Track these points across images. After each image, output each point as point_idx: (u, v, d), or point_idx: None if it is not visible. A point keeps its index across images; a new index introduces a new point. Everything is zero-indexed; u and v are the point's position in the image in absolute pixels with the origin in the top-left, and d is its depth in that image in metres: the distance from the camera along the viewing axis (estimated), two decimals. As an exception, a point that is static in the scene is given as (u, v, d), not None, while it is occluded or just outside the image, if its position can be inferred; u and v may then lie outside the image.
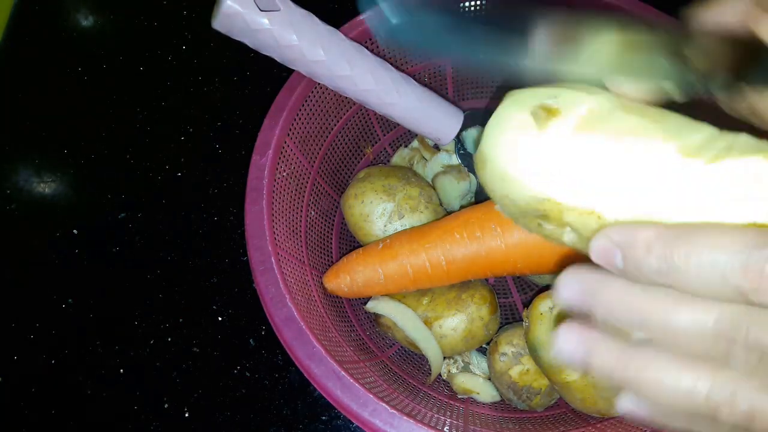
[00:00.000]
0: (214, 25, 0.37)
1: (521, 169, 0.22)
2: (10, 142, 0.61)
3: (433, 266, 0.41)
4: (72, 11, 0.69)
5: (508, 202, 0.23)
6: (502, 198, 0.23)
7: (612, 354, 0.19)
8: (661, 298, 0.18)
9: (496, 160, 0.23)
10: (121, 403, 0.48)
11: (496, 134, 0.23)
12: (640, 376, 0.19)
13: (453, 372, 0.45)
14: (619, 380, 0.19)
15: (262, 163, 0.40)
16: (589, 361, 0.20)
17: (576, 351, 0.20)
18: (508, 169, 0.22)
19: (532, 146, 0.21)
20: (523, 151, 0.22)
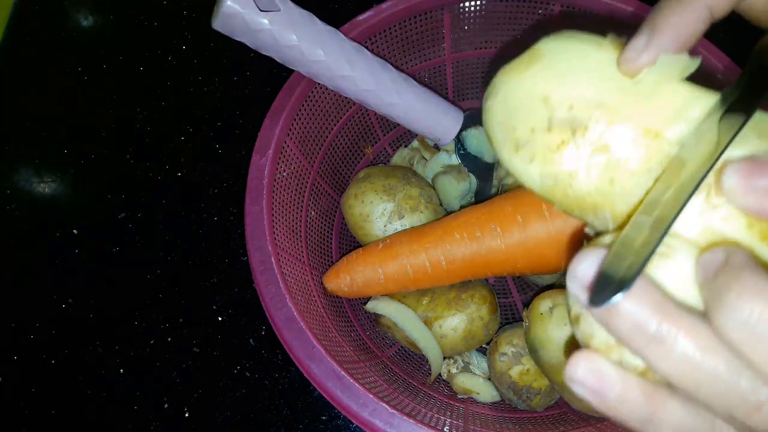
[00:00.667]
0: (214, 25, 0.37)
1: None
2: (10, 142, 0.61)
3: (433, 266, 0.41)
4: (72, 11, 0.69)
5: (539, 112, 0.21)
6: (533, 107, 0.21)
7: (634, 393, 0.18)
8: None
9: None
10: (121, 403, 0.48)
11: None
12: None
13: (453, 372, 0.45)
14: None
15: (262, 163, 0.40)
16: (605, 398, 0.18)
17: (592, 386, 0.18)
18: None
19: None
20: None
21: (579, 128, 0.21)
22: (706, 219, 0.19)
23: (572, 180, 0.21)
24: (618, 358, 0.18)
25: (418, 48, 0.49)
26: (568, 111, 0.21)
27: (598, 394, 0.18)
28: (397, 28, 0.46)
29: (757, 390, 0.16)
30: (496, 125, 0.23)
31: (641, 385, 0.18)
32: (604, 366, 0.18)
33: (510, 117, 0.22)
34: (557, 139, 0.21)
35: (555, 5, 0.47)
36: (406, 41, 0.48)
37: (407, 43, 0.48)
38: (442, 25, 0.48)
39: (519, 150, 0.22)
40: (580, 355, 0.18)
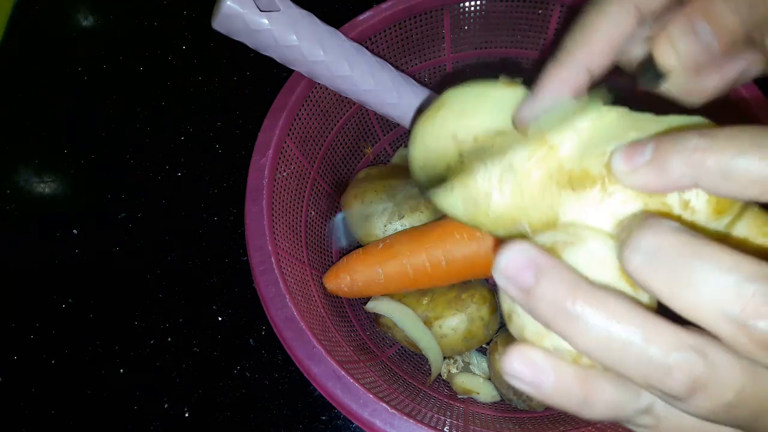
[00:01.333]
0: (214, 26, 0.37)
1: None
2: (10, 142, 0.61)
3: (433, 266, 0.41)
4: (72, 11, 0.69)
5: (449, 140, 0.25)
6: (441, 136, 0.25)
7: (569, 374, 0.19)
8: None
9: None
10: (121, 403, 0.48)
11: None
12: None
13: (453, 372, 0.45)
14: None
15: (262, 163, 0.40)
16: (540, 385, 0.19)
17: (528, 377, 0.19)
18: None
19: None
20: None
21: (486, 155, 0.24)
22: (605, 206, 0.21)
23: (489, 200, 0.24)
24: (551, 344, 0.20)
25: (418, 48, 0.49)
26: (474, 142, 0.24)
27: (535, 386, 0.19)
28: (397, 28, 0.46)
29: (667, 354, 0.17)
30: (420, 170, 0.26)
31: (573, 371, 0.19)
32: (537, 356, 0.19)
33: (429, 158, 0.26)
34: (469, 168, 0.24)
35: (555, 5, 0.47)
36: (406, 41, 0.48)
37: (407, 43, 0.48)
38: (442, 25, 0.48)
39: (441, 185, 0.25)
40: (514, 348, 0.19)
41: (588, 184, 0.21)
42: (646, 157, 0.19)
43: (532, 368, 0.19)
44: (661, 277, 0.17)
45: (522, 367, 0.19)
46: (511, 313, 0.21)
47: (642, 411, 0.19)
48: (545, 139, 0.23)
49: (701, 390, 0.16)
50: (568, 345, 0.19)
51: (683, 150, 0.18)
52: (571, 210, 0.22)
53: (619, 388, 0.19)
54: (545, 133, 0.23)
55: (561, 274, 0.18)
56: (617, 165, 0.20)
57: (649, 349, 0.17)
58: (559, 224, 0.22)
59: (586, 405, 0.19)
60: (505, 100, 0.24)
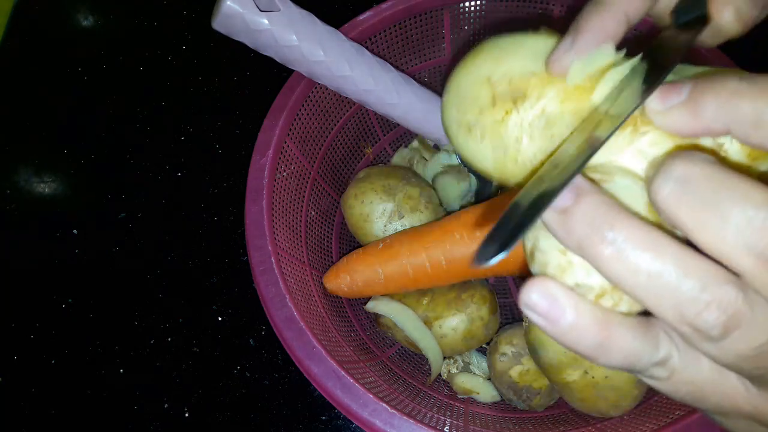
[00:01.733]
0: (214, 26, 0.37)
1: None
2: (10, 142, 0.61)
3: (433, 266, 0.41)
4: (72, 11, 0.69)
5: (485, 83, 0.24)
6: (478, 79, 0.24)
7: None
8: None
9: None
10: (121, 403, 0.48)
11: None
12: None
13: (453, 372, 0.45)
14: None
15: (262, 163, 0.40)
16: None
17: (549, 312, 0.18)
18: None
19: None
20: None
21: (519, 97, 0.23)
22: (636, 147, 0.21)
23: (519, 145, 0.23)
24: (573, 281, 0.19)
25: (418, 48, 0.49)
26: (508, 84, 0.23)
27: (551, 320, 0.18)
28: (397, 28, 0.46)
29: (705, 287, 0.16)
30: (451, 117, 0.26)
31: (593, 312, 0.18)
32: (558, 291, 0.18)
33: (461, 105, 0.25)
34: (501, 111, 0.23)
35: (554, 5, 0.47)
36: (406, 41, 0.48)
37: (407, 43, 0.48)
38: (442, 25, 0.48)
39: (471, 131, 0.24)
40: (535, 280, 0.19)
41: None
42: (682, 97, 0.19)
43: (551, 302, 0.18)
44: (689, 207, 0.16)
45: (540, 299, 0.18)
46: (533, 250, 0.20)
47: (657, 363, 0.19)
48: (578, 82, 0.23)
49: (736, 328, 0.16)
50: (591, 282, 0.19)
51: (721, 91, 0.18)
52: (602, 152, 0.21)
53: (639, 337, 0.18)
54: (578, 79, 0.23)
55: (601, 198, 0.18)
56: (652, 104, 0.20)
57: (687, 282, 0.16)
58: (588, 167, 0.22)
59: (602, 350, 0.18)
60: (542, 47, 0.24)
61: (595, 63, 0.23)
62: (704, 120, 0.18)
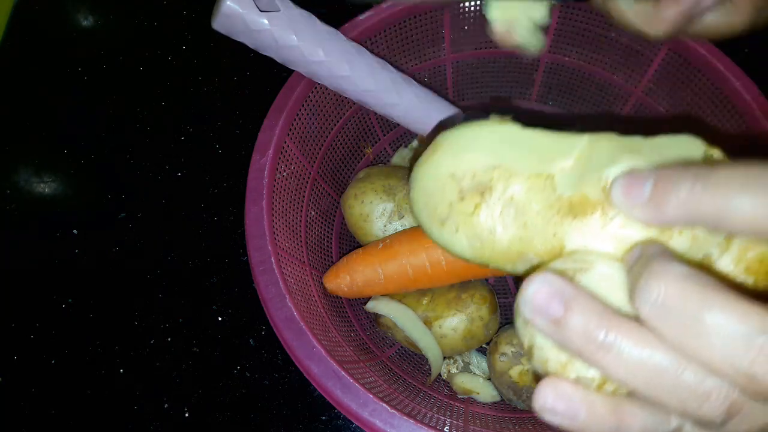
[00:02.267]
0: (213, 26, 0.37)
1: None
2: (10, 142, 0.61)
3: (433, 266, 0.41)
4: (72, 11, 0.69)
5: (449, 178, 0.25)
6: (440, 175, 0.26)
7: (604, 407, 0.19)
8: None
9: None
10: (121, 403, 0.48)
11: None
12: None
13: (453, 372, 0.45)
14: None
15: (262, 163, 0.40)
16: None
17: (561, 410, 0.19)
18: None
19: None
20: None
21: (485, 190, 0.24)
22: (608, 230, 0.22)
23: (493, 235, 0.25)
24: (575, 375, 0.20)
25: (418, 48, 0.49)
26: (473, 179, 0.25)
27: (570, 418, 0.19)
28: (397, 28, 0.46)
29: (702, 380, 0.17)
30: (421, 212, 0.27)
31: (604, 400, 0.19)
32: (569, 389, 0.19)
33: (430, 200, 0.26)
34: (471, 204, 0.25)
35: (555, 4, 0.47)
36: (406, 41, 0.48)
37: (407, 43, 0.48)
38: (442, 25, 0.48)
39: (444, 225, 0.26)
40: (546, 384, 0.20)
41: (588, 210, 0.22)
42: (645, 195, 0.20)
43: (566, 401, 0.19)
44: (671, 329, 0.17)
45: (556, 401, 0.19)
46: (531, 347, 0.21)
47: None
48: (542, 169, 0.24)
49: (737, 413, 0.17)
50: (591, 374, 0.19)
51: (678, 193, 0.19)
52: (575, 237, 0.22)
53: (650, 413, 0.19)
54: (545, 163, 0.24)
55: (589, 303, 0.19)
56: (617, 197, 0.21)
57: (684, 376, 0.17)
58: (565, 252, 0.23)
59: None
60: (498, 136, 0.25)
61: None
62: (668, 216, 0.19)
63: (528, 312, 0.19)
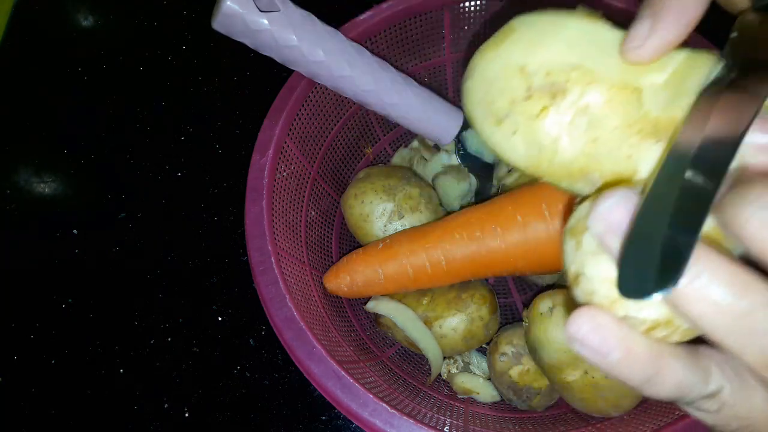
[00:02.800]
0: (213, 26, 0.37)
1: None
2: (10, 142, 0.61)
3: (433, 266, 0.41)
4: (72, 11, 0.69)
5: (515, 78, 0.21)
6: (505, 74, 0.22)
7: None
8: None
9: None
10: (121, 403, 0.48)
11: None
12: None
13: (453, 372, 0.45)
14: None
15: (262, 163, 0.40)
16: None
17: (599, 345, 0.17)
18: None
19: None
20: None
21: (558, 92, 0.21)
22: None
23: (557, 146, 0.21)
24: (623, 313, 0.18)
25: (418, 48, 0.49)
26: (546, 77, 0.21)
27: (601, 354, 0.17)
28: (397, 28, 0.46)
29: None
30: (476, 104, 0.23)
31: (646, 345, 0.17)
32: (609, 324, 0.17)
33: (488, 92, 0.22)
34: (537, 106, 0.21)
35: (555, 5, 0.47)
36: (406, 41, 0.48)
37: (407, 43, 0.48)
38: (442, 25, 0.48)
39: (501, 123, 0.22)
40: (583, 312, 0.18)
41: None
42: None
43: (602, 335, 0.17)
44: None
45: (590, 333, 0.17)
46: (579, 276, 0.19)
47: (707, 395, 0.18)
48: (629, 80, 0.20)
49: None
50: (643, 315, 0.17)
51: None
52: (652, 163, 0.20)
53: (690, 369, 0.17)
54: (633, 73, 0.20)
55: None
56: (759, 139, 0.17)
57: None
58: (636, 179, 0.20)
59: (652, 383, 0.17)
60: (584, 32, 0.21)
61: (676, 56, 0.20)
62: None
63: (600, 228, 0.17)
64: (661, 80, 0.20)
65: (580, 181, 0.22)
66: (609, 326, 0.17)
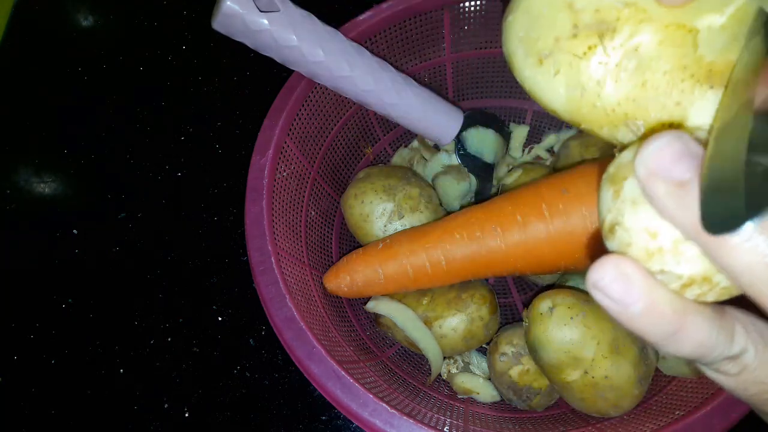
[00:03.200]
0: (213, 26, 0.37)
1: None
2: (10, 142, 0.61)
3: (433, 266, 0.41)
4: (72, 11, 0.69)
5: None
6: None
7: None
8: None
9: None
10: (121, 403, 0.48)
11: None
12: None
13: (453, 372, 0.45)
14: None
15: (262, 163, 0.40)
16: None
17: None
18: None
19: None
20: None
21: (607, 31, 0.20)
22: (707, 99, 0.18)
23: (601, 89, 0.20)
24: (659, 267, 0.17)
25: (418, 48, 0.49)
26: (595, 14, 0.20)
27: (622, 304, 0.17)
28: (397, 28, 0.46)
29: None
30: (517, 41, 0.22)
31: (671, 299, 0.17)
32: (634, 273, 0.17)
33: (532, 29, 0.21)
34: (584, 45, 0.20)
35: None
36: (406, 41, 0.48)
37: (407, 43, 0.48)
38: (442, 25, 0.48)
39: (543, 63, 0.21)
40: (609, 259, 0.17)
41: None
42: None
43: (626, 284, 0.16)
44: None
45: (614, 281, 0.17)
46: (615, 226, 0.18)
47: (729, 357, 0.17)
48: (685, 20, 0.19)
49: None
50: (680, 270, 0.17)
51: None
52: (704, 111, 0.19)
53: (715, 329, 0.17)
54: (689, 13, 0.19)
55: None
56: None
57: None
58: (685, 126, 0.19)
59: (674, 339, 0.17)
60: None
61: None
62: None
63: (645, 169, 0.16)
64: (719, 22, 0.19)
65: (622, 128, 0.21)
66: (635, 276, 0.17)
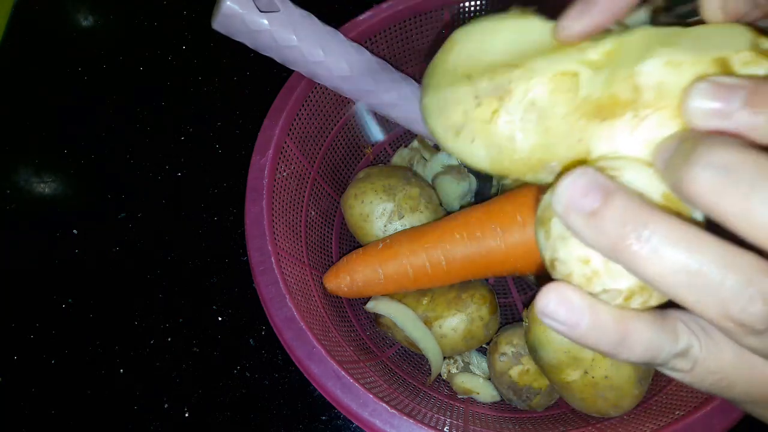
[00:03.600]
0: (213, 26, 0.37)
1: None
2: (10, 142, 0.61)
3: (433, 266, 0.41)
4: (72, 11, 0.69)
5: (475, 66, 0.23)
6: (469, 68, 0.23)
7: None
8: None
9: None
10: (121, 403, 0.48)
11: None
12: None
13: (453, 372, 0.45)
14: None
15: (262, 163, 0.40)
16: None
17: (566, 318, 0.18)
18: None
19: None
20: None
21: (504, 93, 0.22)
22: (639, 133, 0.20)
23: (513, 143, 0.22)
24: (600, 288, 0.19)
25: (418, 48, 0.49)
26: (490, 81, 0.22)
27: (570, 326, 0.18)
28: (397, 28, 0.46)
29: (749, 282, 0.15)
30: (434, 120, 0.24)
31: (610, 311, 0.18)
32: (574, 296, 0.18)
33: (443, 107, 0.24)
34: (488, 110, 0.22)
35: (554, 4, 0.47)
36: (406, 41, 0.48)
37: (407, 43, 0.48)
38: (442, 25, 0.48)
39: (460, 134, 0.23)
40: (550, 287, 0.19)
41: (618, 112, 0.20)
42: (736, 103, 0.17)
43: (569, 308, 0.18)
44: (734, 196, 0.15)
45: (558, 306, 0.18)
46: (554, 261, 0.20)
47: (678, 354, 0.18)
48: (567, 67, 0.21)
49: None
50: (618, 285, 0.18)
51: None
52: (602, 142, 0.20)
53: (657, 330, 0.18)
54: (571, 58, 0.21)
55: (629, 196, 0.17)
56: (696, 103, 0.17)
57: (730, 277, 0.15)
58: (591, 158, 0.21)
59: (623, 346, 0.18)
60: (518, 31, 0.22)
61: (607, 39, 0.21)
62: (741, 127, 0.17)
63: (561, 206, 0.18)
64: (595, 59, 0.21)
65: (542, 171, 0.23)
66: (575, 298, 0.18)
